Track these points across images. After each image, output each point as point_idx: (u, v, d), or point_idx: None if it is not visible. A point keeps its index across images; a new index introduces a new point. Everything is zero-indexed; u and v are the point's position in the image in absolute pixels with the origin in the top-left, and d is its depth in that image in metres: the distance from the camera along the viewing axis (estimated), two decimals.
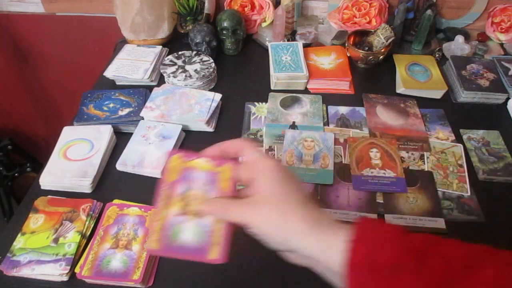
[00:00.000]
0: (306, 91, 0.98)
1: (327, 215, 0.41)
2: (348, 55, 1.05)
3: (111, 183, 0.78)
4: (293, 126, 0.88)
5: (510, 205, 0.74)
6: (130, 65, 1.00)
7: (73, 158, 0.79)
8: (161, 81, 1.00)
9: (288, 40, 1.10)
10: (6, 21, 1.35)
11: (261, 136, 0.86)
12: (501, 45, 1.13)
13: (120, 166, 0.79)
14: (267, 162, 0.42)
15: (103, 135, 0.82)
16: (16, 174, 1.52)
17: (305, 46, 1.07)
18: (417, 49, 1.09)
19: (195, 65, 0.98)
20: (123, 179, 0.78)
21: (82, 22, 1.32)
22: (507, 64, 1.01)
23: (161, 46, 1.07)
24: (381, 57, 1.03)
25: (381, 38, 0.99)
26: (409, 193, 0.75)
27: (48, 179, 0.75)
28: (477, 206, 0.73)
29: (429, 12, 1.01)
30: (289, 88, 0.98)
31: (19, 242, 0.66)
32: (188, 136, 0.87)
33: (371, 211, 0.72)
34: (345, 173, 0.78)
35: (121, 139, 0.85)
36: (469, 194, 0.75)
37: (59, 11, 1.31)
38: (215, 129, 0.89)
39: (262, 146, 0.84)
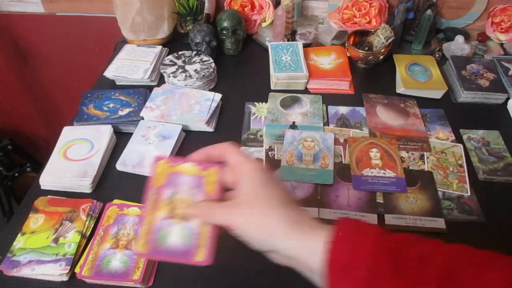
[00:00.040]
0: (306, 91, 0.98)
1: (308, 216, 0.41)
2: (348, 55, 1.05)
3: (111, 183, 0.78)
4: (293, 126, 0.88)
5: (510, 205, 0.74)
6: (130, 65, 1.00)
7: (73, 158, 0.79)
8: (161, 81, 1.00)
9: (288, 40, 1.10)
10: (6, 21, 1.35)
11: (261, 136, 0.86)
12: (501, 45, 1.13)
13: (120, 166, 0.79)
14: (250, 165, 0.43)
15: (103, 135, 0.82)
16: (16, 174, 1.52)
17: (305, 46, 1.07)
18: (417, 49, 1.09)
19: (195, 65, 0.98)
20: (123, 179, 0.78)
21: (82, 22, 1.32)
22: (507, 64, 1.01)
23: (161, 46, 1.07)
24: (381, 57, 1.03)
25: (381, 38, 0.99)
26: (409, 193, 0.75)
27: (48, 179, 0.75)
28: (477, 206, 0.73)
29: (429, 12, 1.01)
30: (289, 88, 0.98)
31: (19, 242, 0.66)
32: (188, 136, 0.87)
33: (371, 211, 0.72)
34: (345, 173, 0.78)
35: (121, 139, 0.85)
36: (469, 194, 0.75)
37: (59, 11, 1.31)
38: (215, 129, 0.89)
39: (262, 146, 0.84)
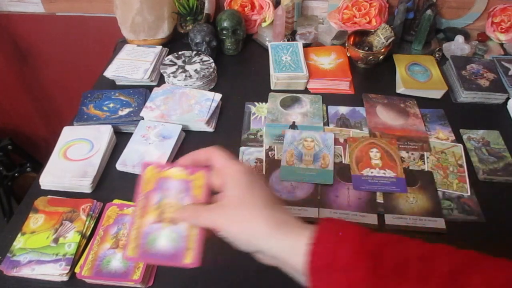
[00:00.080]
0: (306, 91, 0.98)
1: (292, 217, 0.42)
2: (348, 55, 1.05)
3: (111, 183, 0.78)
4: (293, 126, 0.88)
5: (510, 205, 0.74)
6: (130, 65, 1.00)
7: (73, 158, 0.79)
8: (161, 81, 1.00)
9: (288, 40, 1.10)
10: (6, 21, 1.35)
11: (261, 136, 0.86)
12: (501, 45, 1.13)
13: (120, 166, 0.79)
14: (234, 167, 0.43)
15: (103, 135, 0.82)
16: (16, 174, 1.52)
17: (305, 46, 1.07)
18: (417, 49, 1.09)
19: (195, 65, 0.98)
20: (123, 179, 0.78)
21: (82, 22, 1.32)
22: (507, 64, 1.01)
23: (161, 46, 1.07)
24: (381, 57, 1.03)
25: (381, 38, 0.99)
26: (409, 193, 0.75)
27: (48, 179, 0.75)
28: (477, 206, 0.73)
29: (429, 12, 1.01)
30: (289, 88, 0.98)
31: (19, 242, 0.66)
32: (188, 136, 0.87)
33: (371, 211, 0.72)
34: (345, 173, 0.78)
35: (121, 139, 0.85)
36: (469, 194, 0.75)
37: (59, 11, 1.31)
38: (215, 129, 0.89)
39: (262, 146, 0.84)
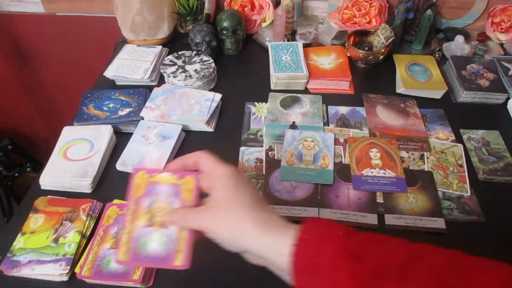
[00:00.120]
0: (306, 91, 0.98)
1: (278, 217, 0.43)
2: (348, 55, 1.05)
3: (111, 183, 0.78)
4: (293, 126, 0.88)
5: (510, 205, 0.74)
6: (130, 65, 1.00)
7: (73, 158, 0.79)
8: (161, 81, 1.00)
9: (288, 40, 1.10)
10: (6, 21, 1.35)
11: (261, 136, 0.86)
12: (501, 45, 1.13)
13: (120, 166, 0.79)
14: (221, 170, 0.44)
15: (103, 135, 0.82)
16: (16, 174, 1.52)
17: (305, 46, 1.07)
18: (417, 49, 1.09)
19: (195, 65, 0.98)
20: (123, 179, 0.77)
21: (82, 22, 1.32)
22: (507, 64, 1.01)
23: (161, 46, 1.07)
24: (381, 57, 1.03)
25: (381, 38, 0.99)
26: (409, 193, 0.75)
27: (48, 179, 0.75)
28: (477, 206, 0.73)
29: (429, 12, 1.01)
30: (289, 88, 0.98)
31: (19, 242, 0.66)
32: (188, 136, 0.87)
33: (371, 211, 0.72)
34: (345, 173, 0.78)
35: (121, 139, 0.85)
36: (469, 194, 0.75)
37: (59, 11, 1.31)
38: (215, 129, 0.89)
39: (262, 146, 0.84)
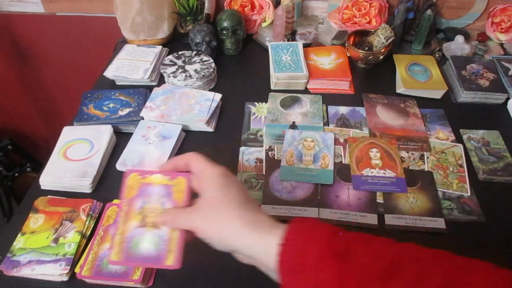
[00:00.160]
0: (306, 91, 0.98)
1: (266, 217, 0.43)
2: (348, 55, 1.05)
3: (111, 183, 0.78)
4: (293, 126, 0.88)
5: (510, 205, 0.74)
6: (130, 65, 1.00)
7: (73, 158, 0.79)
8: (161, 81, 1.00)
9: (288, 40, 1.10)
10: (6, 21, 1.35)
11: (261, 136, 0.86)
12: (501, 45, 1.13)
13: (120, 166, 0.79)
14: (211, 170, 0.45)
15: (103, 135, 0.82)
16: (16, 174, 1.52)
17: (305, 46, 1.07)
18: (417, 49, 1.09)
19: (195, 65, 0.98)
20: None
21: (82, 22, 1.32)
22: (507, 64, 1.01)
23: (161, 46, 1.07)
24: (381, 57, 1.03)
25: (381, 38, 0.99)
26: (409, 193, 0.75)
27: (48, 179, 0.75)
28: (477, 206, 0.73)
29: (429, 12, 1.01)
30: (289, 88, 0.98)
31: (19, 242, 0.66)
32: (188, 136, 0.87)
33: (371, 211, 0.72)
34: (345, 173, 0.78)
35: (121, 139, 0.85)
36: (469, 194, 0.75)
37: (59, 11, 1.31)
38: (215, 129, 0.89)
39: (262, 146, 0.84)
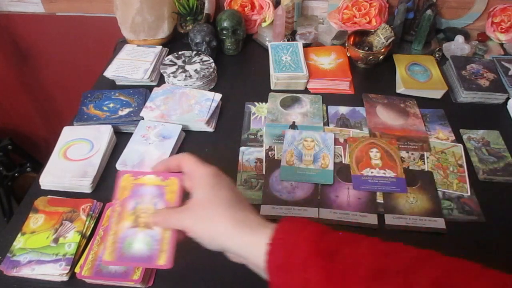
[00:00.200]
0: (306, 91, 0.98)
1: (255, 216, 0.43)
2: (348, 55, 1.05)
3: (111, 183, 0.76)
4: (293, 126, 0.88)
5: (510, 205, 0.74)
6: (130, 65, 1.00)
7: (73, 158, 0.79)
8: (161, 81, 1.00)
9: (288, 40, 1.10)
10: (6, 21, 1.35)
11: (261, 136, 0.86)
12: (501, 45, 1.13)
13: (120, 166, 0.79)
14: (202, 170, 0.45)
15: (103, 135, 0.82)
16: (16, 174, 1.52)
17: (305, 46, 1.07)
18: (417, 49, 1.09)
19: (195, 65, 0.98)
20: None
21: (82, 22, 1.33)
22: (507, 64, 1.01)
23: (161, 46, 1.07)
24: (381, 57, 1.03)
25: (381, 38, 0.99)
26: (409, 193, 0.75)
27: (48, 179, 0.75)
28: (477, 206, 0.73)
29: (429, 12, 1.01)
30: (289, 88, 0.98)
31: (19, 242, 0.66)
32: (188, 136, 0.87)
33: (371, 211, 0.72)
34: (345, 173, 0.78)
35: (121, 139, 0.85)
36: (469, 194, 0.75)
37: (59, 11, 1.31)
38: (215, 129, 0.89)
39: (262, 146, 0.84)
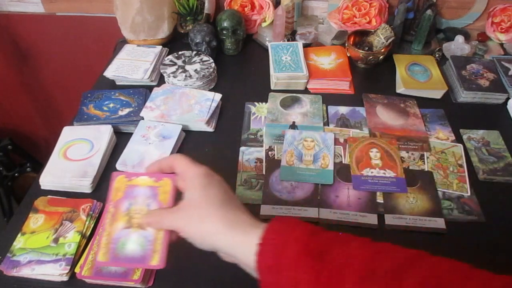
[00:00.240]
0: (306, 91, 0.98)
1: (247, 216, 0.43)
2: (348, 55, 1.05)
3: None
4: (293, 126, 0.88)
5: (510, 205, 0.74)
6: (130, 65, 1.00)
7: (73, 158, 0.79)
8: (161, 81, 1.00)
9: (288, 40, 1.10)
10: (6, 21, 1.35)
11: (261, 136, 0.86)
12: (501, 45, 1.13)
13: (120, 166, 0.79)
14: (194, 171, 0.45)
15: (103, 135, 0.82)
16: (16, 174, 1.52)
17: (305, 46, 1.07)
18: (417, 49, 1.09)
19: (195, 65, 0.98)
20: None
21: (82, 22, 1.32)
22: (507, 64, 1.01)
23: (161, 46, 1.07)
24: (381, 57, 1.03)
25: (381, 38, 0.99)
26: (409, 193, 0.75)
27: (48, 179, 0.75)
28: (477, 206, 0.73)
29: (429, 12, 1.01)
30: (289, 88, 0.98)
31: (19, 242, 0.66)
32: (188, 136, 0.87)
33: (371, 211, 0.72)
34: (345, 173, 0.78)
35: (121, 139, 0.85)
36: (469, 194, 0.75)
37: (59, 11, 1.31)
38: (215, 129, 0.89)
39: (262, 146, 0.84)
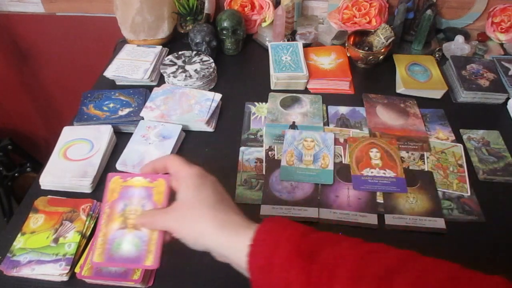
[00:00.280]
0: (306, 91, 0.98)
1: (239, 217, 0.43)
2: (348, 55, 1.05)
3: None
4: (293, 126, 0.88)
5: (510, 205, 0.74)
6: (130, 65, 1.00)
7: (73, 158, 0.79)
8: (161, 81, 1.00)
9: (288, 40, 1.10)
10: (6, 21, 1.35)
11: (261, 136, 0.86)
12: (501, 45, 1.13)
13: (120, 166, 0.79)
14: (187, 171, 0.45)
15: (103, 135, 0.82)
16: (16, 174, 1.52)
17: (305, 46, 1.07)
18: (417, 49, 1.09)
19: (195, 65, 0.98)
20: None
21: (82, 22, 1.32)
22: (507, 64, 1.01)
23: (161, 46, 1.07)
24: (381, 57, 1.03)
25: (381, 38, 0.99)
26: (409, 193, 0.75)
27: (48, 179, 0.75)
28: (477, 206, 0.73)
29: (429, 12, 1.01)
30: (289, 88, 0.98)
31: (19, 242, 0.66)
32: (188, 136, 0.87)
33: (371, 211, 0.72)
34: (345, 173, 0.78)
35: (121, 139, 0.85)
36: (469, 194, 0.75)
37: (59, 11, 1.31)
38: (215, 129, 0.89)
39: (262, 146, 0.84)
